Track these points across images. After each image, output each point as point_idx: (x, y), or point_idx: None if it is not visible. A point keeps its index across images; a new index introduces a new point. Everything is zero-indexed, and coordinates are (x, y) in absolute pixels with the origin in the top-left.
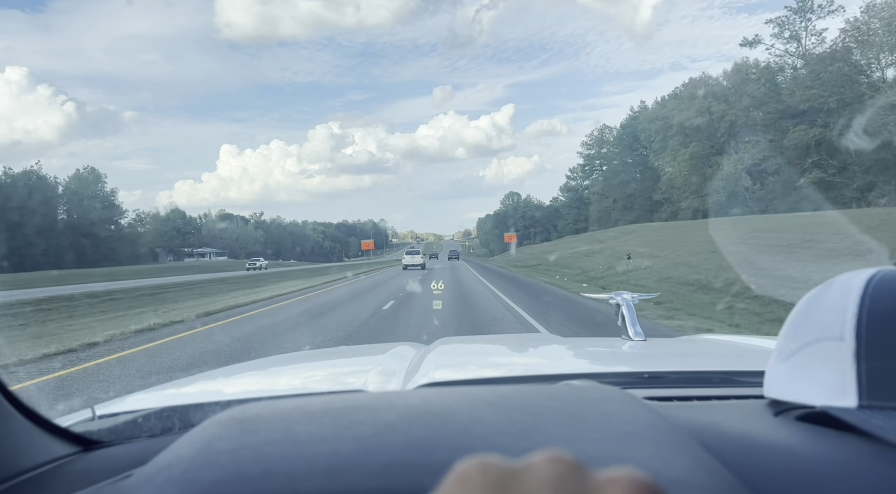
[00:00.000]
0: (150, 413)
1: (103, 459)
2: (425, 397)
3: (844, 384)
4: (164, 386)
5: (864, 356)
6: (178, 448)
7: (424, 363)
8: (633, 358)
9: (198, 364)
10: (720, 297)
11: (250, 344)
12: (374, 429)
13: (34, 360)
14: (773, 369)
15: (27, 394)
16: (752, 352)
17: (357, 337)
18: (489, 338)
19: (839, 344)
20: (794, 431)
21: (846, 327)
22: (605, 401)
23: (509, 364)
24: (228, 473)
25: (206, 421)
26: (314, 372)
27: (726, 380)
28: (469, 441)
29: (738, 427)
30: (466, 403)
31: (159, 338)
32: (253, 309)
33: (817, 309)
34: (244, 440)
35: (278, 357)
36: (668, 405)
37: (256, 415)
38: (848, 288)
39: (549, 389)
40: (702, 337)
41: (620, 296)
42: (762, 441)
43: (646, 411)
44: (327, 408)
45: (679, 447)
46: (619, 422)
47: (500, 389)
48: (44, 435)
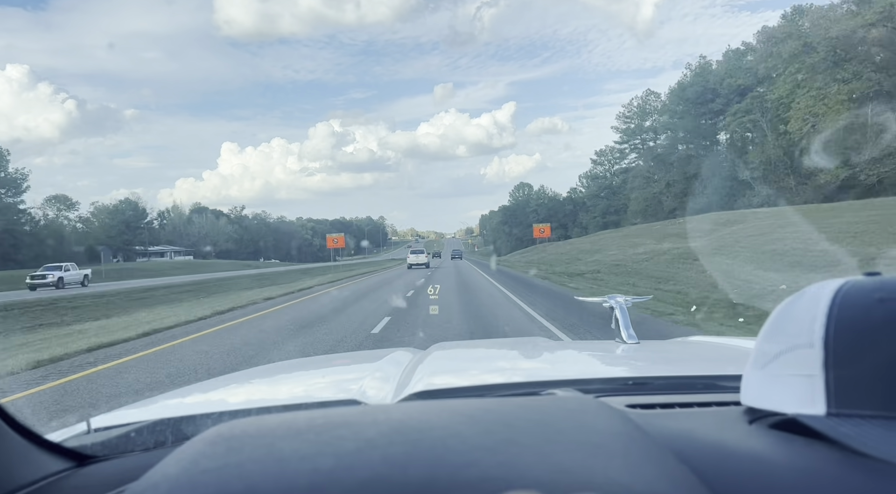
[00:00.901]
0: (143, 427)
1: (97, 474)
2: (408, 411)
3: (814, 392)
4: (158, 398)
5: (832, 364)
6: (165, 466)
7: (418, 370)
8: (621, 363)
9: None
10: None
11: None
12: (355, 445)
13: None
14: (749, 376)
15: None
16: (740, 355)
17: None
18: (484, 343)
19: (809, 352)
20: (766, 439)
21: (815, 335)
22: (582, 412)
23: (501, 370)
24: (212, 492)
25: (194, 439)
26: (310, 381)
27: (709, 386)
28: (446, 455)
29: (712, 436)
30: (447, 417)
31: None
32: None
33: (789, 317)
34: (228, 458)
35: (276, 365)
36: (649, 413)
37: (242, 432)
38: (818, 297)
39: (529, 401)
40: (694, 339)
41: (614, 299)
42: (735, 450)
43: (621, 421)
44: (311, 425)
45: (649, 458)
46: (593, 434)
47: (483, 402)
48: (37, 451)
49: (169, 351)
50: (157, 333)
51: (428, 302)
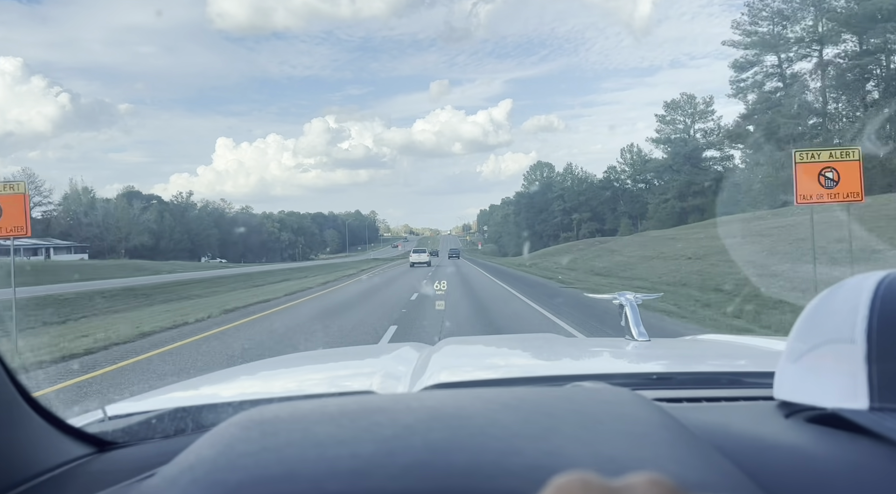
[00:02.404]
0: (164, 414)
1: (120, 460)
2: (441, 399)
3: (856, 386)
4: (174, 386)
5: (875, 358)
6: (199, 449)
7: (430, 364)
8: (639, 358)
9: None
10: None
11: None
12: (393, 431)
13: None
14: (784, 370)
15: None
16: (758, 353)
17: None
18: (494, 339)
19: (850, 347)
20: (805, 433)
21: (857, 329)
22: (618, 403)
23: (515, 365)
24: (252, 474)
25: (225, 423)
26: (321, 374)
27: (734, 381)
28: (488, 442)
29: (749, 429)
30: (482, 405)
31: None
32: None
33: (828, 311)
34: (265, 441)
35: (286, 357)
36: (678, 406)
37: (275, 417)
38: (858, 290)
39: (561, 391)
40: (705, 337)
41: (624, 297)
42: (773, 443)
43: (658, 413)
44: (344, 410)
45: (693, 449)
46: (634, 424)
47: (513, 391)
48: (60, 436)
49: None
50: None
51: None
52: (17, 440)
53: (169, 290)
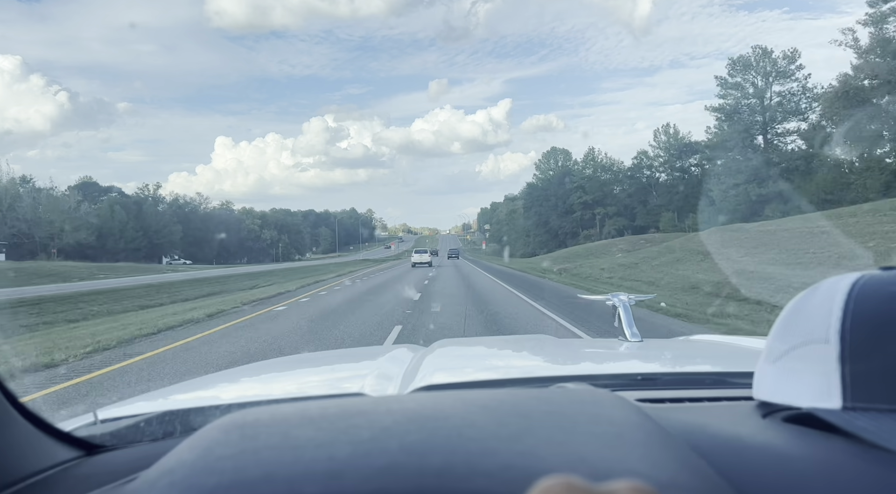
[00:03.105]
0: (152, 418)
1: (107, 463)
2: (421, 401)
3: (829, 386)
4: (165, 390)
5: (848, 358)
6: (179, 452)
7: (423, 366)
8: (627, 359)
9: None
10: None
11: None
12: (370, 434)
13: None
14: (762, 371)
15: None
16: (746, 353)
17: None
18: (487, 340)
19: (824, 347)
20: (781, 432)
21: (831, 330)
22: (595, 404)
23: (506, 366)
24: (229, 478)
25: (208, 426)
26: (313, 377)
27: (718, 382)
28: (463, 443)
29: (726, 429)
30: (461, 407)
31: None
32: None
33: (804, 312)
34: (244, 445)
35: (278, 360)
36: (660, 407)
37: (256, 420)
38: (833, 291)
39: (541, 392)
40: (697, 337)
41: (617, 297)
42: (750, 443)
43: (635, 413)
44: (325, 413)
45: (667, 449)
46: (609, 425)
47: (494, 393)
48: (47, 440)
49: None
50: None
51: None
52: (2, 443)
53: (40, 308)
